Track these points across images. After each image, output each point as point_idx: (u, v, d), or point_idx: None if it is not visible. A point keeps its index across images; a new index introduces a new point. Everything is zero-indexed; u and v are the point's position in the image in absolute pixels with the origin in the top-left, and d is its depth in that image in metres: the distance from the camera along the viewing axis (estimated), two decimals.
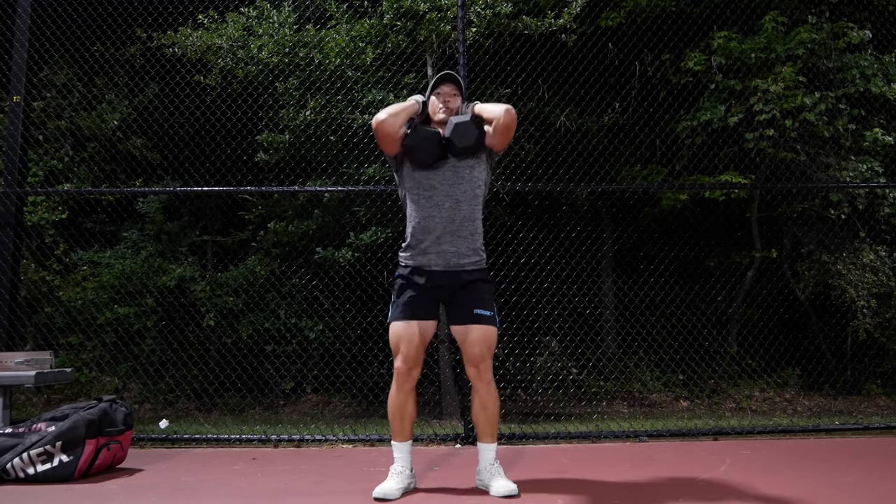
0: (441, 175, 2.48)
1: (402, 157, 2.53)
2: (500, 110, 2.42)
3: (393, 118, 2.43)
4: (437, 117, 2.55)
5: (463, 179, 2.49)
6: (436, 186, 2.47)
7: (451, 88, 2.56)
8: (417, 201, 2.49)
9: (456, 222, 2.46)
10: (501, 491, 2.39)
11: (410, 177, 2.52)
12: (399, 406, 2.45)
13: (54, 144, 6.62)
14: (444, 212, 2.46)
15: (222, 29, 5.97)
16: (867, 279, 6.21)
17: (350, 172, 5.86)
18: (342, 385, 5.65)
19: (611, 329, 7.04)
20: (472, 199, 2.50)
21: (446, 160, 2.49)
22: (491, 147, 2.54)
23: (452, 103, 2.55)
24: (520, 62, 5.70)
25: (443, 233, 2.46)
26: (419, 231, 2.49)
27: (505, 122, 2.42)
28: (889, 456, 3.21)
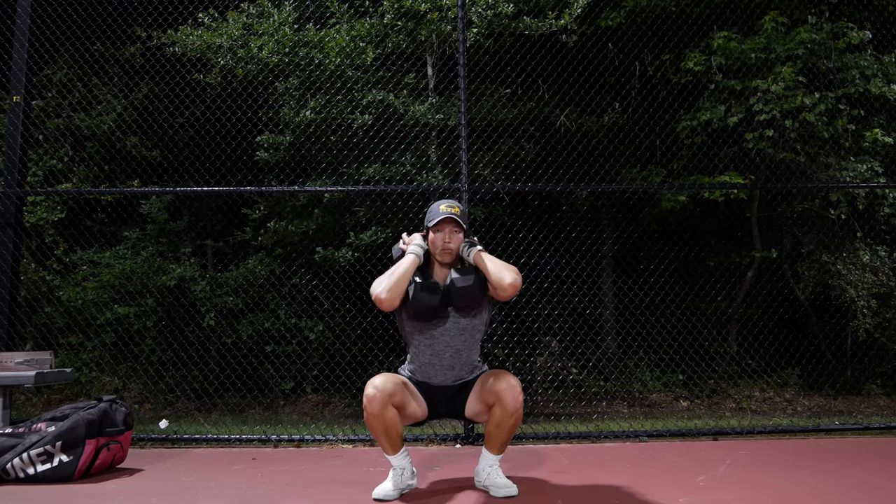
0: (441, 326, 2.44)
1: (401, 308, 2.47)
2: (506, 282, 2.32)
3: (393, 294, 2.34)
4: (438, 259, 2.47)
5: (464, 330, 2.46)
6: (436, 337, 2.45)
7: (453, 226, 2.43)
8: (418, 347, 2.49)
9: (456, 369, 2.48)
10: (501, 491, 2.39)
11: (409, 323, 2.49)
12: (380, 427, 2.34)
13: (54, 144, 6.62)
14: (444, 360, 2.46)
15: (222, 28, 5.97)
16: (867, 279, 6.21)
17: (350, 172, 5.86)
18: (342, 385, 5.65)
19: (611, 329, 7.04)
20: (473, 345, 2.49)
21: (447, 315, 2.44)
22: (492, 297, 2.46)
23: (454, 243, 2.44)
24: (520, 62, 5.70)
25: (443, 378, 2.48)
26: (420, 373, 2.50)
27: (508, 294, 2.34)
28: (889, 456, 3.21)
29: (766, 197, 6.69)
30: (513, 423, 2.34)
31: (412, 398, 2.44)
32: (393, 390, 2.33)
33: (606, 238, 7.13)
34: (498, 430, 2.37)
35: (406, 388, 2.43)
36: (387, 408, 2.31)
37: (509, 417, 2.32)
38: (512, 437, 2.44)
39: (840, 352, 6.74)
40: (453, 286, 2.37)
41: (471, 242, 2.47)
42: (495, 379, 2.34)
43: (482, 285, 2.39)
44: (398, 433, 2.38)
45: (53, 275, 6.33)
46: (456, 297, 2.38)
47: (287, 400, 6.33)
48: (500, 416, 2.33)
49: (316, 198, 6.30)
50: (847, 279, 6.25)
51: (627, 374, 6.66)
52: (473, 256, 2.42)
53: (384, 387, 2.31)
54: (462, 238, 2.46)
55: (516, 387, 2.31)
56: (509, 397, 2.30)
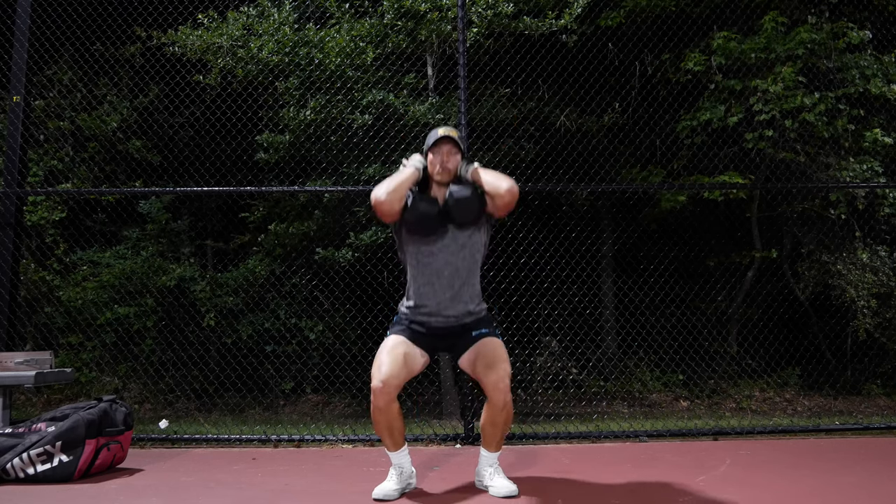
0: (440, 242, 2.44)
1: (401, 223, 2.49)
2: (502, 189, 2.35)
3: (392, 196, 2.36)
4: (437, 178, 2.48)
5: (463, 247, 2.45)
6: (435, 254, 2.44)
7: (451, 147, 2.47)
8: (417, 267, 2.47)
9: (455, 288, 2.44)
10: (501, 491, 2.39)
11: (409, 243, 2.48)
12: (384, 422, 2.34)
13: (54, 144, 6.62)
14: (443, 279, 2.44)
15: (222, 28, 5.97)
16: (867, 279, 6.21)
17: (350, 172, 5.86)
18: (342, 385, 5.65)
19: (611, 329, 7.04)
20: (472, 264, 2.47)
21: (445, 228, 2.44)
22: (491, 213, 2.49)
23: (451, 163, 2.46)
24: (520, 62, 5.70)
25: (443, 298, 2.44)
26: (419, 296, 2.47)
27: (506, 201, 2.36)
28: (889, 456, 3.21)
29: (766, 197, 6.69)
30: (504, 417, 2.36)
31: (413, 362, 2.41)
32: (398, 381, 2.32)
33: (606, 238, 7.13)
34: (492, 427, 2.40)
35: (406, 360, 2.39)
36: (392, 403, 2.32)
37: (500, 412, 2.35)
38: (507, 432, 2.45)
39: (840, 352, 6.74)
40: (451, 197, 2.39)
41: (468, 161, 2.52)
42: (485, 369, 2.35)
43: (480, 198, 2.42)
44: (400, 430, 2.39)
45: (53, 275, 6.33)
46: (454, 209, 2.39)
47: (287, 400, 6.33)
48: (491, 413, 2.37)
49: (316, 198, 6.30)
50: (847, 279, 6.25)
51: (627, 374, 6.66)
52: (471, 172, 2.46)
53: (389, 379, 2.29)
54: (459, 160, 2.50)
55: (504, 379, 2.33)
56: (496, 397, 2.33)
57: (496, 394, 2.33)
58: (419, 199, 2.43)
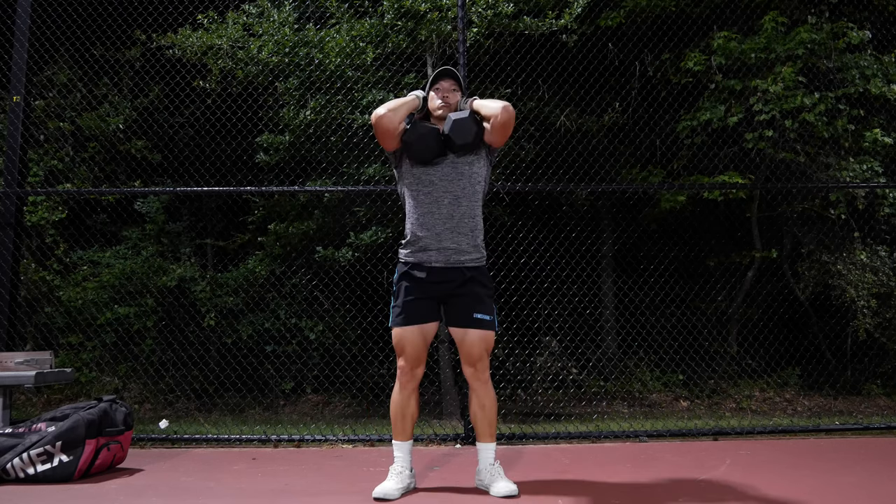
0: (440, 171, 2.48)
1: (401, 153, 2.53)
2: (498, 107, 2.40)
3: (392, 113, 2.43)
4: (437, 113, 2.54)
5: (462, 175, 2.48)
6: (435, 182, 2.47)
7: (451, 84, 2.54)
8: (416, 197, 2.49)
9: (455, 218, 2.46)
10: (501, 491, 2.39)
11: (409, 172, 2.51)
12: (401, 405, 2.46)
13: (54, 144, 6.62)
14: (443, 208, 2.45)
15: (222, 29, 5.97)
16: (867, 279, 6.21)
17: (350, 172, 5.86)
18: (342, 385, 5.66)
19: (611, 329, 7.04)
20: (472, 195, 2.50)
21: (445, 156, 2.48)
22: (490, 143, 2.53)
23: (451, 98, 2.54)
24: (520, 62, 5.70)
25: (442, 229, 2.45)
26: (418, 227, 2.47)
27: (502, 119, 2.41)
28: (889, 456, 3.20)
29: (766, 197, 6.69)
30: (490, 400, 2.49)
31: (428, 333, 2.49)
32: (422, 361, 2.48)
33: (606, 238, 7.13)
34: (482, 412, 2.48)
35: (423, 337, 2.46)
36: (416, 389, 2.48)
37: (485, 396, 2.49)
38: (496, 416, 2.51)
39: (840, 352, 6.74)
40: (449, 120, 2.45)
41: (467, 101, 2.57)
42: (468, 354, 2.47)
43: (478, 124, 2.46)
44: (413, 418, 2.49)
45: (53, 275, 6.33)
46: (453, 132, 2.43)
47: (287, 400, 6.33)
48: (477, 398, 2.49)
49: (316, 198, 6.30)
50: (847, 279, 6.25)
51: (627, 374, 6.66)
52: (469, 102, 2.52)
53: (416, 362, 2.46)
54: (459, 97, 2.58)
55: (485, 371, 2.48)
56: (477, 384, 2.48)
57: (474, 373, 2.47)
58: (419, 124, 2.49)
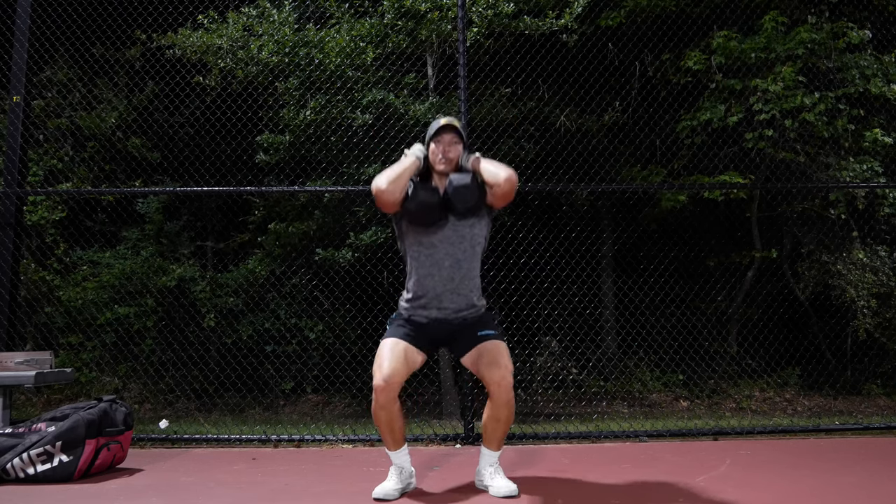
0: (441, 234, 2.44)
1: (402, 215, 2.48)
2: (501, 178, 2.35)
3: (394, 185, 2.35)
4: (438, 168, 2.49)
5: (463, 238, 2.45)
6: (435, 245, 2.44)
7: (452, 137, 2.47)
8: (417, 258, 2.47)
9: (455, 281, 2.44)
10: (501, 491, 2.39)
11: (410, 233, 2.48)
12: (385, 420, 2.34)
13: (54, 144, 6.62)
14: (443, 271, 2.43)
15: (222, 29, 5.97)
16: (867, 279, 6.21)
17: (350, 172, 5.86)
18: (342, 385, 5.65)
19: (611, 329, 7.04)
20: (472, 256, 2.47)
21: (446, 219, 2.44)
22: (491, 205, 2.49)
23: (453, 153, 2.47)
24: (520, 62, 5.70)
25: (443, 290, 2.44)
26: (419, 288, 2.46)
27: (504, 190, 2.36)
28: (889, 456, 3.20)
29: (766, 197, 6.69)
30: (507, 413, 2.37)
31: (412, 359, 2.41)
32: (400, 377, 2.32)
33: (606, 238, 7.13)
34: (494, 423, 2.39)
35: (406, 355, 2.38)
36: (394, 402, 2.32)
37: (503, 408, 2.36)
38: (508, 430, 2.45)
39: (840, 352, 6.74)
40: (451, 185, 2.40)
41: (469, 153, 2.52)
42: (488, 368, 2.35)
43: (480, 187, 2.42)
44: (401, 428, 2.40)
45: (53, 275, 6.33)
46: (454, 196, 2.39)
47: (287, 400, 6.33)
48: (494, 409, 2.37)
49: (316, 198, 6.30)
50: (847, 279, 6.25)
51: (627, 374, 6.66)
52: (471, 161, 2.46)
53: (392, 376, 2.29)
54: (461, 150, 2.51)
55: (507, 377, 2.34)
56: (498, 394, 2.33)
57: (499, 390, 2.33)
58: (420, 188, 2.43)
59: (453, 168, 2.48)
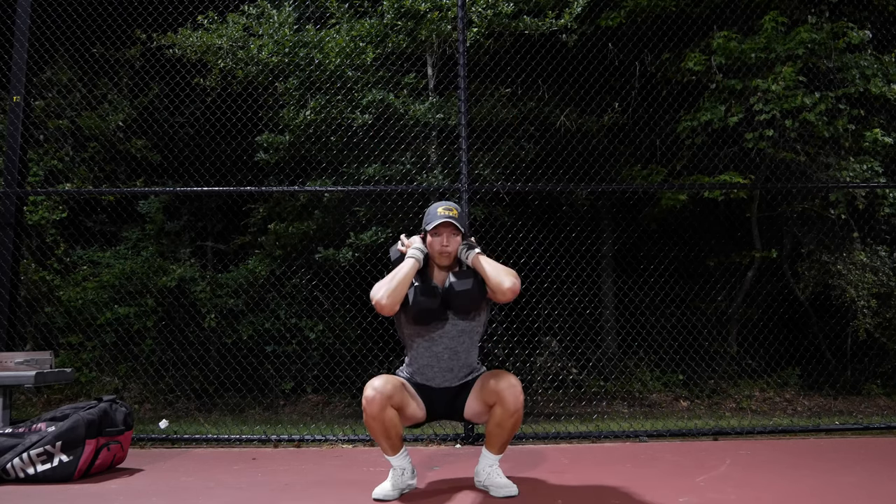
0: (440, 330, 2.45)
1: (400, 310, 2.46)
2: (505, 287, 2.31)
3: (393, 300, 2.33)
4: (438, 262, 2.48)
5: (463, 333, 2.46)
6: (434, 339, 2.46)
7: (451, 230, 2.43)
8: (416, 349, 2.49)
9: (454, 370, 2.48)
10: (501, 491, 2.39)
11: (409, 327, 2.49)
12: (379, 430, 2.33)
13: (54, 144, 6.62)
14: (443, 362, 2.46)
15: (222, 29, 5.97)
16: (867, 279, 6.20)
17: (350, 172, 5.86)
18: (342, 385, 5.65)
19: (611, 329, 7.04)
20: (471, 346, 2.49)
21: (445, 318, 2.44)
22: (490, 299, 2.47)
23: (452, 246, 2.44)
24: (520, 62, 5.70)
25: (441, 380, 2.48)
26: (418, 374, 2.50)
27: (507, 299, 2.34)
28: (889, 456, 3.21)
29: (766, 197, 6.69)
30: (513, 422, 2.34)
31: (411, 399, 2.45)
32: (392, 392, 2.33)
33: (606, 238, 7.13)
34: (499, 430, 2.37)
35: (405, 389, 2.43)
36: (385, 409, 2.31)
37: (510, 417, 2.32)
38: (512, 437, 2.45)
39: (840, 352, 6.74)
40: (452, 290, 2.38)
41: (469, 245, 2.47)
42: (496, 379, 2.34)
43: (481, 288, 2.39)
44: (398, 434, 2.38)
45: (53, 275, 6.33)
46: (455, 301, 2.39)
47: (287, 400, 6.33)
48: (501, 415, 2.33)
49: (316, 198, 6.30)
50: (847, 279, 6.25)
51: (627, 374, 6.66)
52: (472, 260, 2.42)
53: (383, 388, 2.31)
54: (460, 241, 2.47)
55: (517, 386, 2.32)
56: (510, 396, 2.30)
57: (510, 396, 2.30)
58: (420, 293, 2.38)
59: (452, 260, 2.47)
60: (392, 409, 2.33)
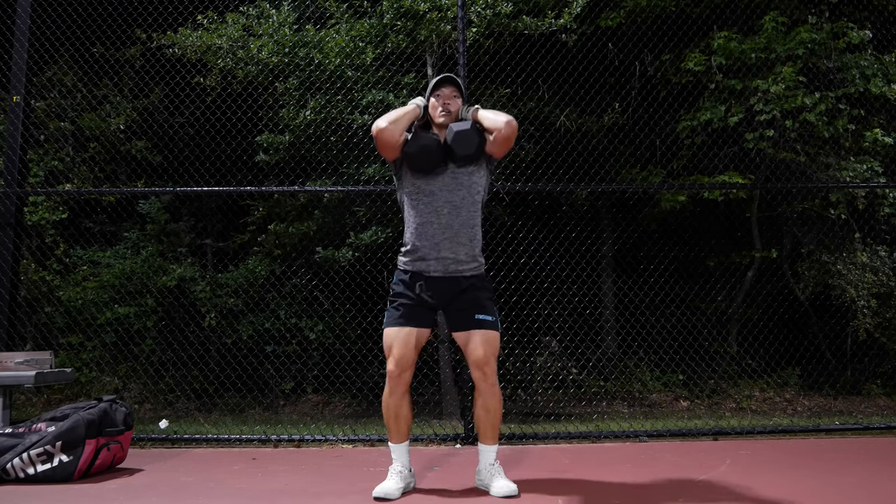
0: (440, 181, 2.46)
1: (402, 161, 2.52)
2: (501, 122, 2.40)
3: (394, 125, 2.41)
4: (438, 120, 2.53)
5: (462, 185, 2.47)
6: (434, 192, 2.46)
7: (452, 90, 2.52)
8: (416, 206, 2.48)
9: (454, 228, 2.44)
10: (501, 491, 2.39)
11: (409, 181, 2.50)
12: (394, 408, 2.43)
13: (55, 145, 6.62)
14: (442, 217, 2.44)
15: (222, 29, 5.97)
16: (867, 279, 6.21)
17: (350, 172, 5.86)
18: (342, 385, 5.65)
19: (611, 329, 7.04)
20: (471, 204, 2.48)
21: (446, 167, 2.47)
22: (491, 154, 2.53)
23: (453, 106, 2.52)
24: (520, 62, 5.70)
25: (441, 239, 2.44)
26: (417, 237, 2.47)
27: (505, 134, 2.40)
28: (889, 456, 3.20)
29: (766, 197, 6.69)
30: (495, 401, 2.43)
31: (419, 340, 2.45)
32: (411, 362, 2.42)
33: (606, 238, 7.13)
34: (485, 413, 2.44)
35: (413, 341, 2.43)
36: (406, 392, 2.43)
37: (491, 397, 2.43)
38: (500, 418, 2.48)
39: (840, 352, 6.74)
40: (451, 132, 2.44)
41: (470, 105, 2.57)
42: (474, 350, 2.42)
43: (480, 134, 2.46)
44: (407, 420, 2.46)
45: (53, 275, 6.33)
46: (454, 142, 2.42)
47: (287, 400, 6.33)
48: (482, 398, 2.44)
49: (316, 198, 6.30)
50: (847, 279, 6.25)
51: (627, 374, 6.66)
52: (471, 112, 2.51)
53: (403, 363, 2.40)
54: (460, 104, 2.56)
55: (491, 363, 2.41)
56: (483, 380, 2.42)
57: (482, 376, 2.40)
58: (420, 134, 2.49)
59: (453, 120, 2.53)
60: (409, 393, 2.45)
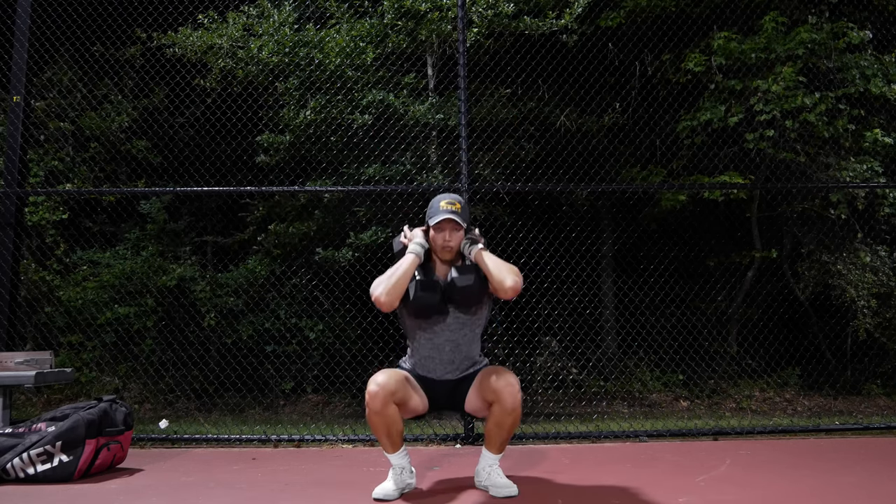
0: (442, 324, 2.45)
1: (401, 304, 2.45)
2: (507, 286, 2.30)
3: (392, 297, 2.33)
4: (440, 256, 2.47)
5: (464, 325, 2.46)
6: (436, 332, 2.45)
7: (454, 225, 2.41)
8: (418, 340, 2.49)
9: (456, 362, 2.48)
10: (501, 491, 2.39)
11: (411, 320, 2.49)
12: (382, 426, 2.35)
13: (55, 145, 6.62)
14: (444, 354, 2.46)
15: (222, 29, 5.97)
16: (867, 279, 6.20)
17: (350, 172, 5.86)
18: (342, 385, 5.65)
19: (611, 329, 7.04)
20: (473, 338, 2.49)
21: (447, 311, 2.44)
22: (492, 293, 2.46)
23: (454, 241, 2.43)
24: (520, 62, 5.70)
25: (443, 371, 2.48)
26: (420, 366, 2.50)
27: (509, 297, 2.33)
28: (889, 456, 3.21)
29: (766, 197, 6.69)
30: (512, 421, 2.34)
31: (414, 392, 2.45)
32: (395, 387, 2.33)
33: (606, 238, 7.13)
34: (497, 429, 2.37)
35: (408, 383, 2.44)
36: (388, 405, 2.32)
37: (508, 416, 2.32)
38: (511, 436, 2.44)
39: (840, 352, 6.74)
40: (454, 285, 2.38)
41: (472, 239, 2.47)
42: (495, 377, 2.34)
43: (483, 284, 2.39)
44: (399, 431, 2.38)
45: (53, 275, 6.33)
46: (456, 295, 2.39)
47: (287, 400, 6.33)
48: (499, 414, 2.33)
49: (316, 198, 6.30)
50: (847, 279, 6.25)
51: (627, 374, 6.66)
52: (475, 255, 2.42)
53: (386, 384, 2.31)
54: (462, 236, 2.46)
55: (515, 384, 2.31)
56: (508, 396, 2.30)
57: (508, 396, 2.29)
58: (421, 288, 2.38)
59: (455, 254, 2.47)
60: (394, 405, 2.33)
